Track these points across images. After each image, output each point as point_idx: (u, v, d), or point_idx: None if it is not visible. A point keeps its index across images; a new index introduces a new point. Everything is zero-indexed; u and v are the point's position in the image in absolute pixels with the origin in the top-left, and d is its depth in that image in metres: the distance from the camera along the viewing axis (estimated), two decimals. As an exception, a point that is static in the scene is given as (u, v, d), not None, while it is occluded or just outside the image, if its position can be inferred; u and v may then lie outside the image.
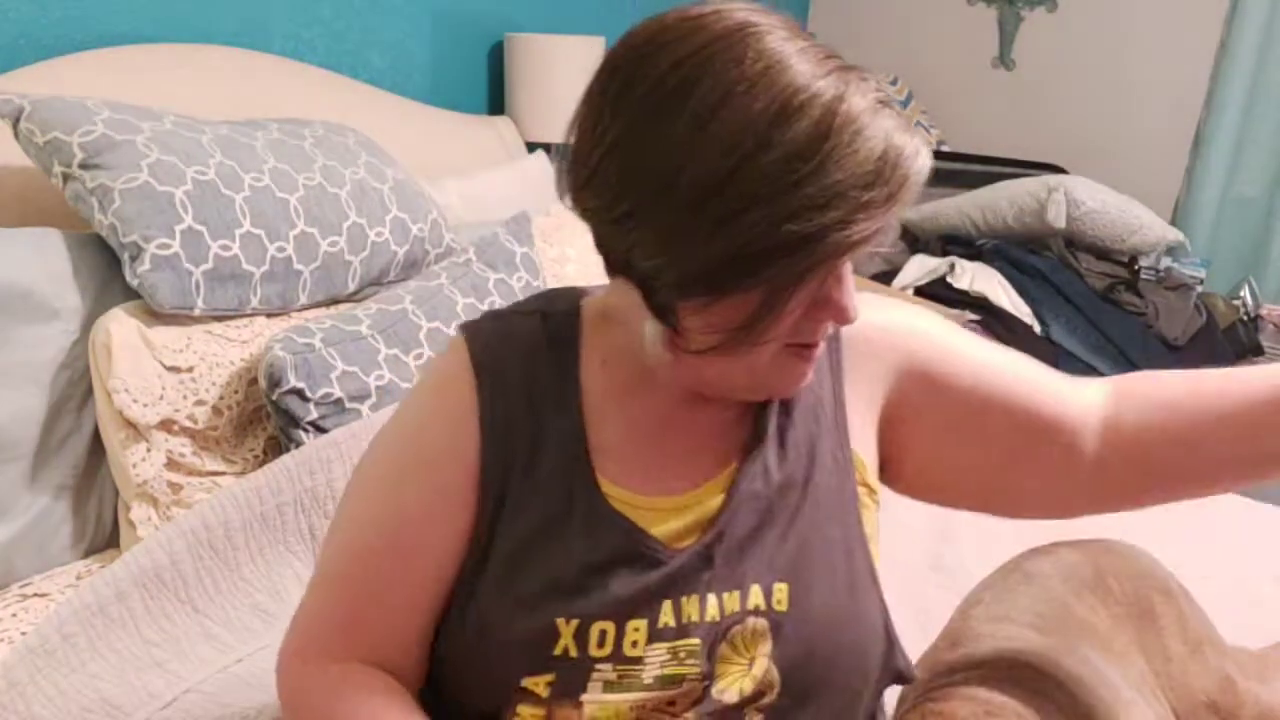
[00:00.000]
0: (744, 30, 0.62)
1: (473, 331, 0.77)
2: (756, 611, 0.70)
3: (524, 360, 0.75)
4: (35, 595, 1.18)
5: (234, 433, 1.33)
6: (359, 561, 0.75)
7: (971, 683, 0.87)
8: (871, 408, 0.80)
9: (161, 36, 1.70)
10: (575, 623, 0.69)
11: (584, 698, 0.69)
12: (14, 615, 1.14)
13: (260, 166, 1.40)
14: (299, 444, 1.26)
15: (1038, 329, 2.37)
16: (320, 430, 1.27)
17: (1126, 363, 2.33)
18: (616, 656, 0.69)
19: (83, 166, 1.26)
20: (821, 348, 0.74)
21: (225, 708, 0.94)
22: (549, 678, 0.69)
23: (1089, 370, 2.30)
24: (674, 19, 0.64)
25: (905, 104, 3.22)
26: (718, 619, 0.70)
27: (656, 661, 0.70)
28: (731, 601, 0.71)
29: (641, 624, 0.70)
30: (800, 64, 0.61)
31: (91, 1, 1.59)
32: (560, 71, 2.26)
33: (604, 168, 0.65)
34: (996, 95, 3.26)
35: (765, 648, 0.70)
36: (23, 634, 1.09)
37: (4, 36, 1.49)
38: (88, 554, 1.30)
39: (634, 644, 0.70)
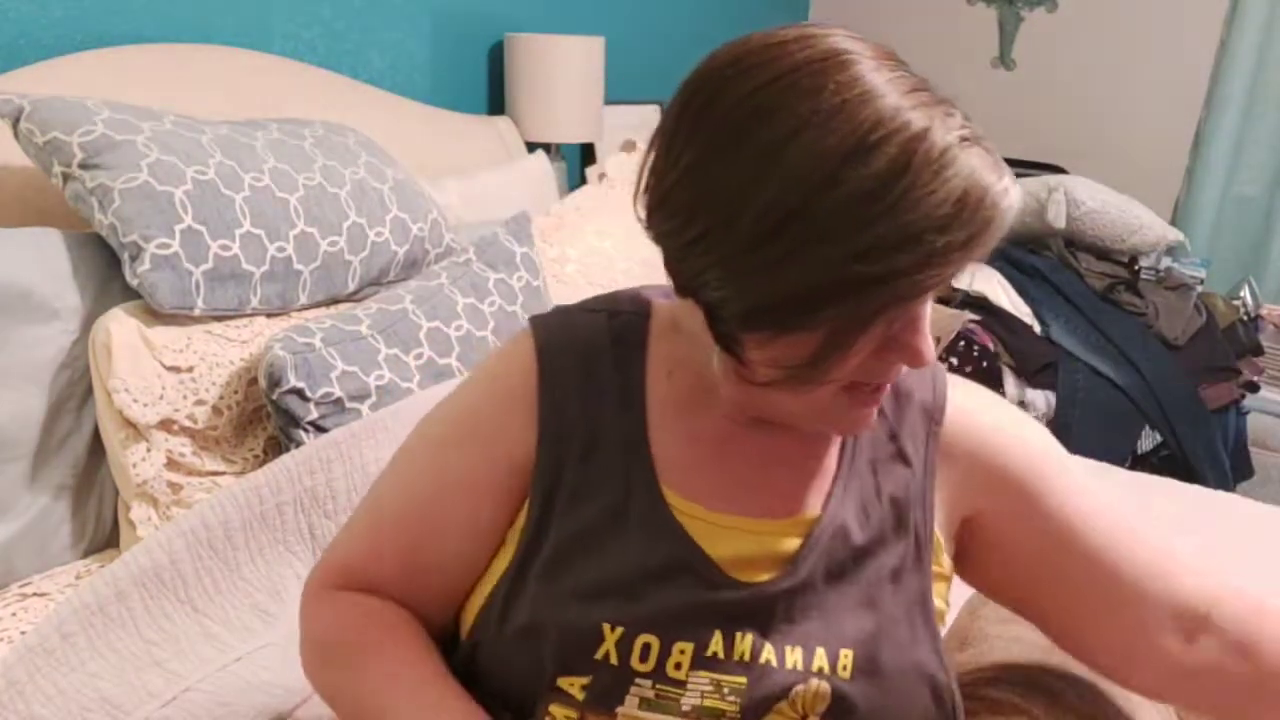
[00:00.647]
0: (827, 59, 0.60)
1: (539, 323, 0.78)
2: (820, 673, 0.69)
3: (587, 355, 0.75)
4: (35, 595, 1.18)
5: (234, 433, 1.33)
6: (390, 520, 0.77)
7: (981, 685, 0.87)
8: (959, 501, 0.77)
9: (161, 36, 1.70)
10: (620, 630, 0.68)
11: (619, 710, 0.68)
12: (14, 615, 1.14)
13: (260, 166, 1.40)
14: (299, 444, 1.25)
15: (1037, 329, 2.37)
16: (320, 430, 1.27)
17: (1126, 363, 2.33)
18: (658, 674, 0.68)
19: (83, 166, 1.26)
20: (918, 427, 0.75)
21: (224, 706, 0.95)
22: (585, 680, 0.68)
23: (1089, 370, 2.30)
24: (758, 43, 0.62)
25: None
26: (775, 665, 0.69)
27: (698, 690, 0.68)
28: (794, 657, 0.69)
29: (688, 647, 0.68)
30: (883, 97, 0.59)
31: (91, 1, 1.59)
32: (560, 71, 2.26)
33: (676, 192, 0.64)
34: (996, 95, 3.26)
35: (821, 709, 0.69)
36: (23, 633, 1.09)
37: (4, 36, 1.49)
38: (88, 554, 1.30)
39: (678, 666, 0.68)
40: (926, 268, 0.58)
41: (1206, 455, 2.38)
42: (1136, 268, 2.56)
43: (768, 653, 0.69)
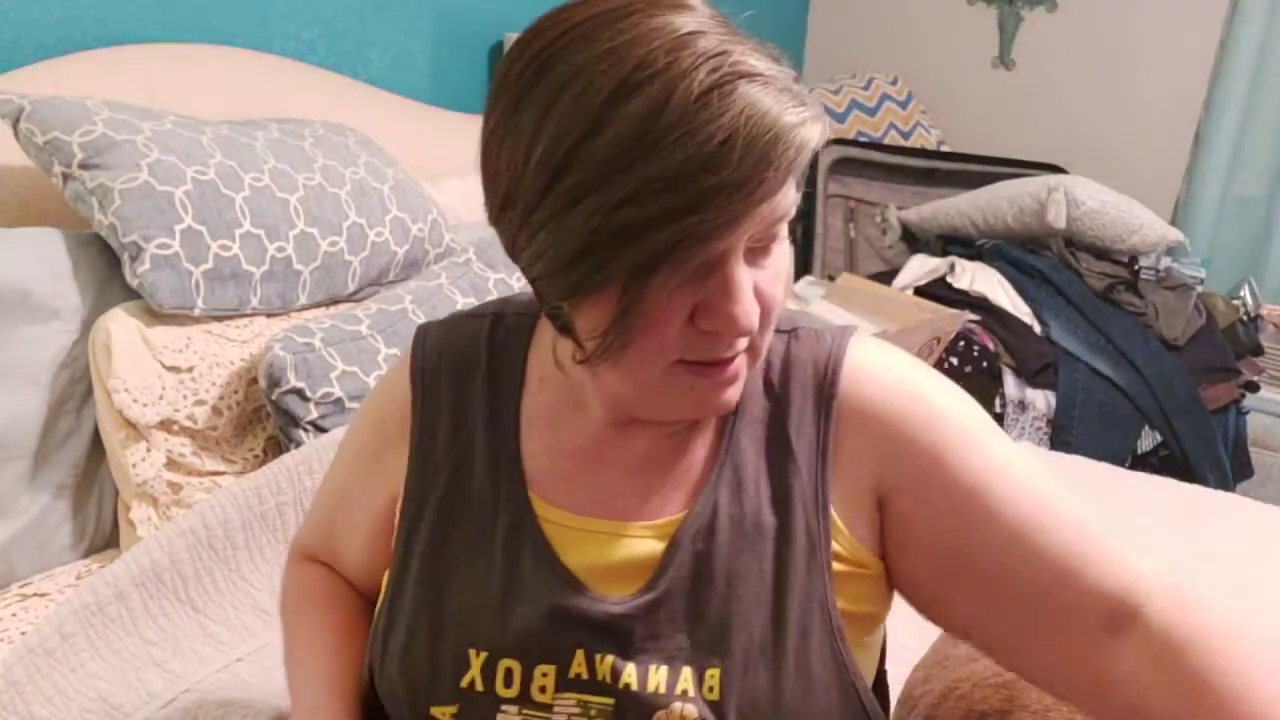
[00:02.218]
0: (612, 13, 0.58)
1: (421, 334, 0.78)
2: (684, 696, 0.63)
3: (461, 367, 0.74)
4: (35, 595, 1.18)
5: (234, 433, 1.33)
6: (316, 514, 0.87)
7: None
8: (864, 478, 0.68)
9: (161, 36, 1.70)
10: (484, 655, 0.66)
11: None
12: (14, 615, 1.14)
13: (260, 166, 1.40)
14: (299, 444, 1.26)
15: (1037, 329, 2.37)
16: (320, 430, 1.27)
17: (1126, 363, 2.33)
18: (523, 700, 0.65)
19: (83, 166, 1.26)
20: (808, 399, 0.68)
21: (224, 707, 0.95)
22: (453, 709, 0.66)
23: (1089, 370, 2.30)
24: (555, 10, 0.61)
25: (905, 104, 3.22)
26: (636, 688, 0.64)
27: (565, 713, 0.65)
28: (657, 678, 0.64)
29: (550, 669, 0.65)
30: (657, 40, 0.55)
31: (91, 1, 1.59)
32: (560, 71, 2.25)
33: (484, 163, 0.63)
34: (996, 95, 3.26)
35: None
36: (23, 634, 1.09)
37: (4, 36, 1.49)
38: (88, 554, 1.30)
39: (542, 689, 0.65)
40: (701, 209, 0.54)
41: (1206, 455, 2.37)
42: (1136, 268, 2.56)
43: (629, 674, 0.64)
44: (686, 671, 0.64)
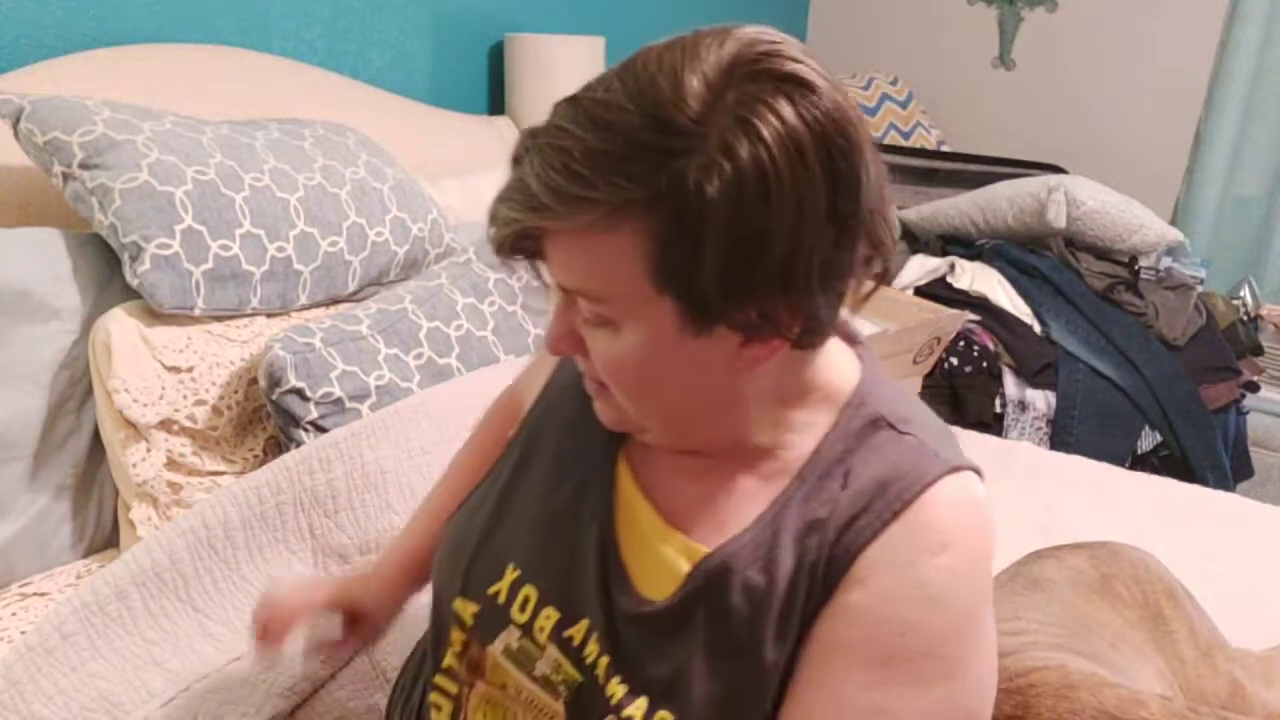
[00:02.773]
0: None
1: None
2: None
3: None
4: (35, 595, 1.18)
5: (234, 433, 1.33)
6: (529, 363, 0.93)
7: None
8: (846, 606, 0.64)
9: (161, 36, 1.70)
10: (516, 574, 0.71)
11: (490, 649, 0.71)
12: (14, 615, 1.14)
13: (260, 166, 1.40)
14: (299, 444, 1.25)
15: (1037, 329, 2.37)
16: (320, 430, 1.27)
17: (1127, 363, 2.33)
18: (527, 629, 0.70)
19: (83, 166, 1.26)
20: (841, 522, 0.63)
21: (225, 706, 0.95)
22: (475, 609, 0.72)
23: (1089, 370, 2.30)
24: None
25: (905, 104, 3.22)
26: (598, 686, 0.66)
27: (549, 661, 0.68)
28: (617, 690, 0.65)
29: (554, 615, 0.69)
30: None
31: (91, 1, 1.59)
32: (560, 71, 2.26)
33: None
34: (996, 95, 3.26)
35: None
36: (23, 633, 1.09)
37: (4, 36, 1.49)
38: (88, 554, 1.30)
39: (541, 629, 0.69)
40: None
41: (1206, 455, 2.37)
42: (1136, 268, 2.56)
43: (601, 667, 0.66)
44: (641, 702, 0.64)
